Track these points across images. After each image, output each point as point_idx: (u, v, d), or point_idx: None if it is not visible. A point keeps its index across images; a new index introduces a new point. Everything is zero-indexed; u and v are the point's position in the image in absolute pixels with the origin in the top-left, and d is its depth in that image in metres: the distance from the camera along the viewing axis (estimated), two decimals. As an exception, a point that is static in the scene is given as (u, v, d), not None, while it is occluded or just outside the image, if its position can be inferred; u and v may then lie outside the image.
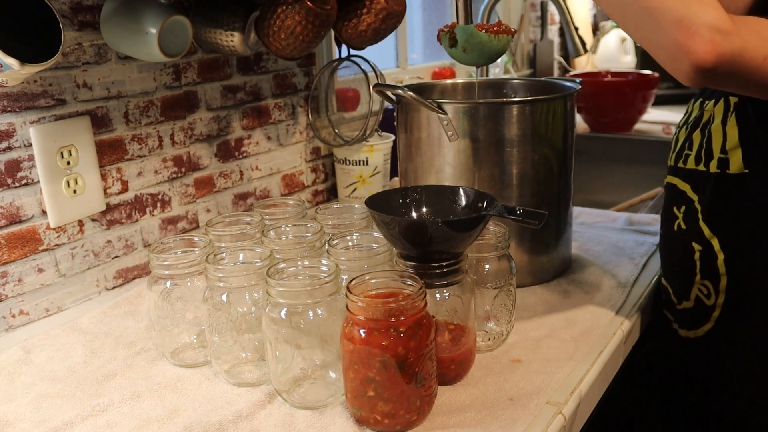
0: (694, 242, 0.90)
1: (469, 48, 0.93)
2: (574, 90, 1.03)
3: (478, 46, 0.92)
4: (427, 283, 0.72)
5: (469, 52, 0.93)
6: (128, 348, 0.90)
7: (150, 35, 0.94)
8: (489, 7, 1.74)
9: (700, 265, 0.90)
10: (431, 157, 1.01)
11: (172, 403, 0.77)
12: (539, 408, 0.74)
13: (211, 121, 1.22)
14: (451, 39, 0.94)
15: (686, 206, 0.92)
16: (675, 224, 0.94)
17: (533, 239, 1.02)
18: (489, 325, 0.87)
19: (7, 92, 0.92)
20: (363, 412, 0.70)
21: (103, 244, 1.06)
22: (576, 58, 2.83)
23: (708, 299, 0.90)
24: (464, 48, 0.93)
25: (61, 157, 0.98)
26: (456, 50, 0.94)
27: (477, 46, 0.93)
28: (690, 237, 0.91)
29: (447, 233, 0.75)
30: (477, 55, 0.94)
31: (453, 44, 0.94)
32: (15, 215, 0.95)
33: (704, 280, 0.90)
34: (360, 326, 0.68)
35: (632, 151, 1.99)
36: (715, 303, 0.89)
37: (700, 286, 0.91)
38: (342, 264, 0.79)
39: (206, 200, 1.24)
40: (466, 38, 0.92)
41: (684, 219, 0.92)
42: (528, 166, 0.99)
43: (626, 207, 1.67)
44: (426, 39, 2.26)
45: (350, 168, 1.41)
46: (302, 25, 1.06)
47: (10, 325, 0.96)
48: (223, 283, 0.77)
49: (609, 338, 0.88)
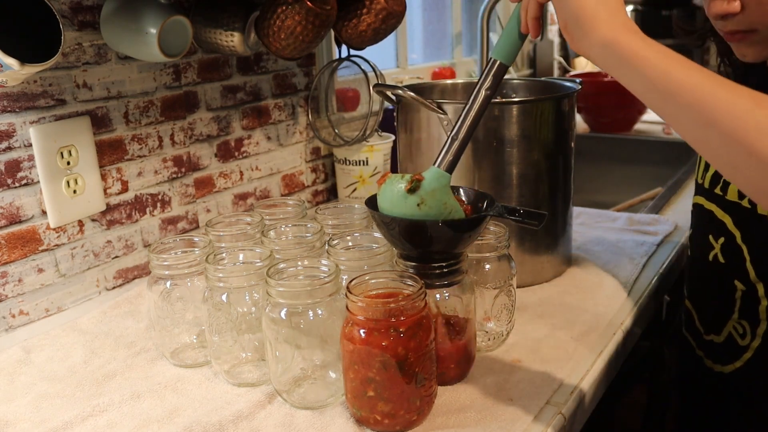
0: (737, 280, 0.86)
1: (427, 203, 0.74)
2: (574, 90, 1.03)
3: (441, 206, 0.75)
4: (427, 283, 0.72)
5: (424, 208, 0.74)
6: (128, 348, 0.90)
7: (150, 35, 0.94)
8: (489, 7, 1.74)
9: (740, 305, 0.86)
10: (431, 157, 1.00)
11: (172, 403, 0.77)
12: (539, 408, 0.74)
13: (211, 121, 1.22)
14: (412, 185, 0.74)
15: (726, 239, 0.87)
16: (711, 254, 0.90)
17: (533, 239, 1.02)
18: (489, 325, 0.87)
19: (7, 92, 0.92)
20: (363, 412, 0.70)
21: (103, 244, 1.06)
22: (576, 58, 2.83)
23: (742, 339, 0.87)
24: (422, 200, 0.74)
25: (61, 157, 0.98)
26: (409, 199, 0.74)
27: (438, 205, 0.74)
28: (731, 274, 0.87)
29: (447, 234, 0.75)
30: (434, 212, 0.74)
31: (412, 191, 0.74)
32: (15, 215, 0.95)
33: (742, 320, 0.87)
34: (360, 326, 0.68)
35: (632, 151, 1.99)
36: (749, 345, 0.87)
37: (735, 324, 0.88)
38: (342, 264, 0.79)
39: (206, 200, 1.24)
40: (431, 192, 0.74)
41: (723, 252, 0.88)
42: (528, 166, 0.99)
43: (626, 207, 1.67)
44: (426, 39, 2.26)
45: (350, 168, 1.41)
46: (302, 25, 1.06)
47: (10, 325, 0.96)
48: (223, 284, 0.77)
49: (609, 338, 0.88)
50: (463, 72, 2.27)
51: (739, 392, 0.91)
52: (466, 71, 2.28)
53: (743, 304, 0.86)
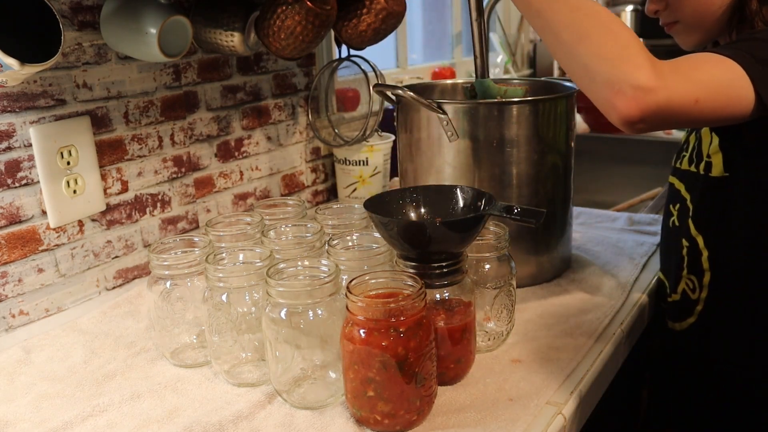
0: (683, 238, 0.94)
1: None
2: (574, 90, 1.03)
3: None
4: (427, 283, 0.72)
5: None
6: (128, 348, 0.90)
7: (150, 35, 0.94)
8: (489, 7, 1.74)
9: (687, 261, 0.94)
10: (431, 157, 1.01)
11: (172, 403, 0.77)
12: (539, 408, 0.74)
13: (211, 121, 1.22)
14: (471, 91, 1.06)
15: (680, 204, 0.96)
16: (670, 221, 0.98)
17: (533, 239, 1.02)
18: (489, 325, 0.87)
19: (7, 92, 0.92)
20: (363, 412, 0.70)
21: (103, 244, 1.06)
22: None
23: (693, 293, 0.93)
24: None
25: (61, 157, 0.98)
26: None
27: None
28: (681, 234, 0.94)
29: (445, 233, 0.75)
30: None
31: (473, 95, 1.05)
32: (15, 215, 0.95)
33: (690, 275, 0.94)
34: (360, 326, 0.68)
35: (632, 151, 1.99)
36: (699, 297, 0.93)
37: (687, 280, 0.94)
38: (342, 264, 0.79)
39: (206, 200, 1.24)
40: (484, 91, 1.04)
41: (678, 216, 0.96)
42: (528, 166, 0.99)
43: (626, 207, 1.67)
44: (426, 39, 2.26)
45: (350, 168, 1.41)
46: (302, 25, 1.06)
47: (10, 325, 0.96)
48: (223, 284, 0.77)
49: (609, 338, 0.88)
50: (463, 72, 2.27)
51: (695, 348, 0.96)
52: (466, 71, 2.28)
53: (689, 260, 0.93)
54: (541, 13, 0.73)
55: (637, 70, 0.67)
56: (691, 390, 1.00)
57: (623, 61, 0.68)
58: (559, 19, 0.72)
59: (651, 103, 0.67)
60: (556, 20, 0.72)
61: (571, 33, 0.71)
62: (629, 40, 0.69)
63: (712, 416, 0.97)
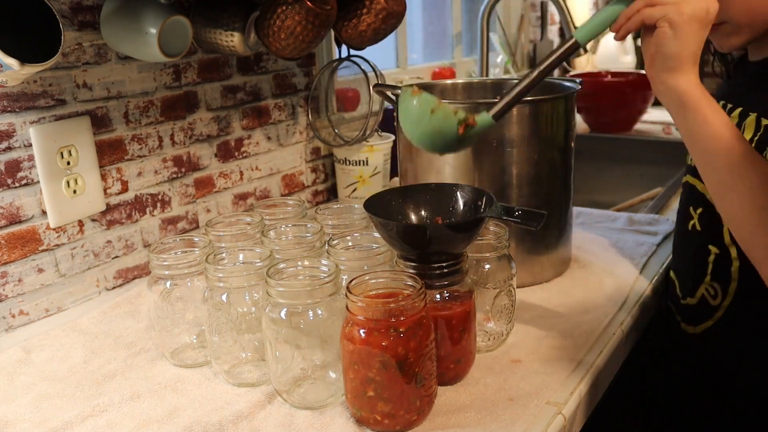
0: (711, 245, 0.91)
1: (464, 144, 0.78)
2: (574, 90, 1.03)
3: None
4: (427, 283, 0.72)
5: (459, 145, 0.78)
6: (128, 348, 0.90)
7: (150, 35, 0.94)
8: (489, 7, 1.74)
9: (713, 268, 0.91)
10: (431, 157, 1.01)
11: (172, 403, 0.77)
12: (539, 408, 0.74)
13: (211, 121, 1.22)
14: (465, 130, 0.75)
15: (704, 209, 0.92)
16: (690, 224, 0.96)
17: (533, 239, 1.02)
18: (489, 325, 0.87)
19: (7, 92, 0.92)
20: (363, 412, 0.70)
21: (103, 244, 1.06)
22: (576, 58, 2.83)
23: (714, 299, 0.92)
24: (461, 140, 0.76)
25: (61, 157, 0.98)
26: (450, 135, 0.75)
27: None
28: (706, 240, 0.92)
29: (444, 235, 0.75)
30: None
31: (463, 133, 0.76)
32: (15, 215, 0.95)
33: (714, 282, 0.91)
34: (360, 326, 0.68)
35: (632, 151, 1.99)
36: (720, 304, 0.91)
37: (708, 287, 0.92)
38: (342, 264, 0.79)
39: (206, 200, 1.24)
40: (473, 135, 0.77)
41: (700, 221, 0.93)
42: (528, 166, 0.99)
43: (626, 207, 1.67)
44: (426, 39, 2.26)
45: (350, 168, 1.41)
46: (302, 25, 1.06)
47: (10, 325, 0.96)
48: (223, 284, 0.77)
49: (609, 338, 0.88)
50: (463, 72, 2.27)
51: (710, 351, 0.94)
52: (466, 71, 2.28)
53: (715, 267, 0.91)
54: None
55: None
56: (695, 391, 0.99)
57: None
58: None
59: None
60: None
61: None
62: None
63: (713, 417, 0.96)
